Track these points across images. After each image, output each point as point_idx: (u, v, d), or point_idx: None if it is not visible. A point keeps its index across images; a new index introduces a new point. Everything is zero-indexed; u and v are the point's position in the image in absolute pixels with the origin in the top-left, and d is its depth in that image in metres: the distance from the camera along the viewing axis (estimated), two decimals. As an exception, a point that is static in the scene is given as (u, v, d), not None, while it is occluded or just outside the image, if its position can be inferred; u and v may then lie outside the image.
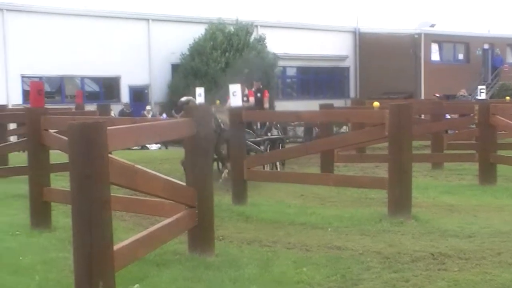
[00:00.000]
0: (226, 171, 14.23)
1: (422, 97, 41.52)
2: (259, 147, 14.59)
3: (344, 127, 26.57)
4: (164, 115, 31.76)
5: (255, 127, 17.28)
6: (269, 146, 15.34)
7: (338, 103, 34.53)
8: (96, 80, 39.41)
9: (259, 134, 14.81)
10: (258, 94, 15.33)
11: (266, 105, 17.82)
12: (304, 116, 17.08)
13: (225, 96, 16.42)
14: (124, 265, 6.33)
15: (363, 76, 48.20)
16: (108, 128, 5.90)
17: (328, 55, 47.14)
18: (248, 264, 8.19)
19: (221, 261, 8.28)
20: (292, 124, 31.53)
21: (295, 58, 45.21)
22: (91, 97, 36.21)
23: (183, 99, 14.35)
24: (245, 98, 14.96)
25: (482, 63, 49.80)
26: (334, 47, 47.99)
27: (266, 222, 10.87)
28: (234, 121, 12.81)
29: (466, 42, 49.96)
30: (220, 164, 15.82)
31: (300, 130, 33.15)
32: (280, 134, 17.57)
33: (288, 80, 47.62)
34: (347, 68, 49.01)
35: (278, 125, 19.68)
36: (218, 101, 20.78)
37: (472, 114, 16.40)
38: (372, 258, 8.54)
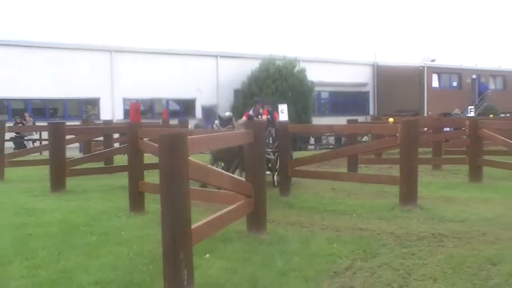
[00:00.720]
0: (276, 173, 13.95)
1: (425, 114, 41.12)
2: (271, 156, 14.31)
3: (365, 137, 26.37)
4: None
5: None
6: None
7: (360, 119, 34.48)
8: (177, 101, 39.80)
9: (270, 147, 14.47)
10: (269, 116, 15.12)
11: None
12: (336, 129, 17.11)
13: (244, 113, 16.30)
14: (199, 240, 6.37)
15: (380, 98, 47.98)
16: (188, 137, 5.97)
17: (352, 82, 47.06)
18: (292, 241, 8.21)
19: (271, 238, 8.30)
20: (326, 134, 31.50)
21: (328, 84, 45.23)
22: (174, 114, 36.52)
23: (227, 114, 14.39)
24: (259, 116, 14.93)
25: (471, 89, 49.25)
26: (357, 76, 47.92)
27: (305, 209, 10.84)
28: (283, 132, 12.84)
29: (459, 73, 49.48)
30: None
31: (331, 139, 33.05)
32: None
33: (322, 101, 47.57)
34: (367, 92, 48.80)
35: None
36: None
37: (464, 128, 16.19)
38: (387, 237, 8.51)
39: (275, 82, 37.85)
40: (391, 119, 15.36)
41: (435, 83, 48.01)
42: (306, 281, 6.43)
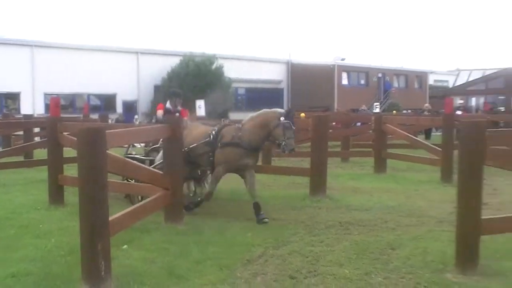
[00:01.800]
0: None
1: (335, 110, 41.83)
2: None
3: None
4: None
5: None
6: None
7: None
8: (98, 96, 39.08)
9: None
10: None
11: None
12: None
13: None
14: (117, 231, 6.30)
15: (294, 94, 48.45)
16: (107, 131, 5.88)
17: (268, 79, 47.33)
18: (208, 231, 8.23)
19: (188, 228, 8.29)
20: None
21: (244, 81, 45.33)
22: (95, 109, 35.82)
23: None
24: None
25: (377, 86, 50.38)
26: (273, 73, 48.24)
27: (223, 200, 10.84)
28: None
29: (366, 72, 50.50)
30: None
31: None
32: None
33: (239, 97, 47.62)
34: (282, 89, 49.21)
35: None
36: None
37: (370, 123, 16.56)
38: (297, 226, 8.64)
39: (194, 79, 37.73)
40: (302, 114, 15.56)
41: (344, 81, 48.86)
42: (221, 269, 6.44)
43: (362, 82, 50.75)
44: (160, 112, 12.53)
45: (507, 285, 5.83)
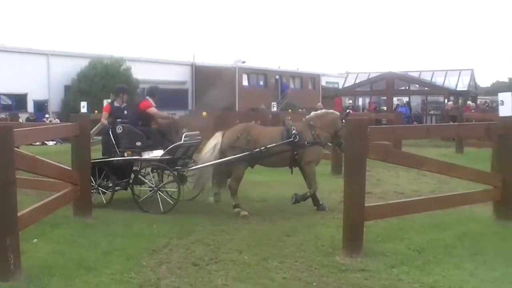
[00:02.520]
0: None
1: (237, 109, 42.04)
2: None
3: (184, 129, 26.34)
4: (57, 120, 30.61)
5: None
6: None
7: (180, 113, 34.55)
8: (9, 96, 37.50)
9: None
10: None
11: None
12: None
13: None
14: (26, 226, 6.09)
15: (198, 94, 48.28)
16: (15, 129, 5.67)
17: (173, 80, 46.94)
18: (116, 223, 8.12)
19: (96, 222, 8.12)
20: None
21: (151, 82, 44.51)
22: (6, 108, 34.35)
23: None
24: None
25: (275, 87, 51.02)
26: (178, 74, 47.90)
27: (129, 194, 10.62)
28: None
29: (265, 74, 51.04)
30: None
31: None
32: None
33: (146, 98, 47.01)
34: (187, 89, 48.94)
35: None
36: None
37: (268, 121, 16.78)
38: (201, 217, 8.67)
39: (102, 80, 36.98)
40: (204, 113, 15.58)
41: (245, 82, 49.16)
42: (128, 259, 6.36)
43: (261, 83, 51.23)
44: (104, 115, 10.72)
45: (386, 264, 6.07)
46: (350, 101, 35.92)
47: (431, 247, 6.75)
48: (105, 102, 12.82)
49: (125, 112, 10.71)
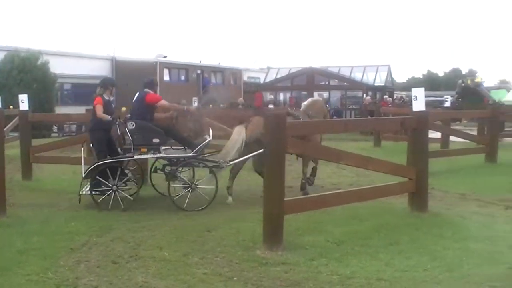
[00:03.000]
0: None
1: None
2: None
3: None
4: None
5: None
6: None
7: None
8: None
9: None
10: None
11: None
12: (74, 118, 16.64)
13: None
14: None
15: (119, 90, 47.36)
16: None
17: (93, 75, 45.85)
18: (32, 222, 7.90)
19: (11, 221, 7.88)
20: (67, 122, 30.44)
21: (70, 76, 43.69)
22: None
23: None
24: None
25: (196, 82, 50.82)
26: (98, 69, 46.75)
27: (47, 192, 10.46)
28: (22, 121, 12.14)
29: (186, 68, 50.71)
30: None
31: (74, 127, 31.93)
32: None
33: (65, 92, 45.82)
34: (107, 84, 48.05)
35: None
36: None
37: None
38: (121, 214, 8.58)
39: (20, 74, 35.71)
40: (123, 108, 15.23)
41: (166, 77, 48.67)
42: (45, 258, 6.19)
43: (183, 78, 50.90)
44: (100, 108, 9.55)
45: (305, 256, 6.17)
46: (271, 96, 36.20)
47: (349, 239, 6.91)
48: (20, 97, 12.38)
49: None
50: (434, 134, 15.80)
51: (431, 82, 73.56)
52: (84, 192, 9.17)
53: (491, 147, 14.25)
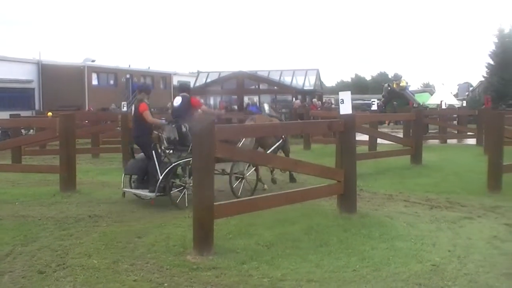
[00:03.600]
0: None
1: (86, 109, 40.75)
2: None
3: (32, 130, 25.25)
4: None
5: None
6: None
7: (26, 113, 32.96)
8: None
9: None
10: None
11: None
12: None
13: None
14: None
15: (45, 94, 46.19)
16: None
17: (18, 79, 44.60)
18: (-48, 232, 7.51)
19: None
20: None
21: (-7, 80, 42.29)
22: None
23: None
24: None
25: (125, 87, 50.15)
26: (23, 73, 45.55)
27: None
28: None
29: (115, 73, 50.02)
30: None
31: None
32: None
33: (-12, 97, 44.33)
34: (33, 89, 46.65)
35: None
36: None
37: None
38: (47, 222, 8.31)
39: None
40: (49, 113, 14.96)
41: (95, 81, 47.84)
42: (-35, 270, 5.93)
43: (112, 82, 50.14)
44: (148, 113, 9.84)
45: (236, 260, 6.17)
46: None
47: (280, 241, 6.96)
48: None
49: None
50: (361, 137, 16.17)
51: (359, 86, 75.31)
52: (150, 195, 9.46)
53: (416, 149, 14.68)
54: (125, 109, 17.12)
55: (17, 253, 6.63)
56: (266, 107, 13.22)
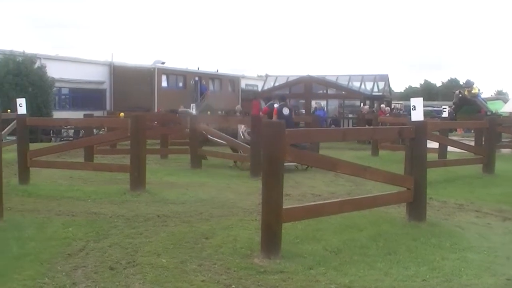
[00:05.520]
0: None
1: (156, 111, 41.59)
2: None
3: (102, 130, 25.93)
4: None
5: None
6: None
7: (98, 113, 33.92)
8: None
9: None
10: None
11: None
12: (72, 122, 16.59)
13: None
14: None
15: (116, 95, 47.50)
16: None
17: (91, 80, 46.02)
18: (28, 227, 7.79)
19: (7, 225, 7.79)
20: (65, 127, 30.39)
21: (68, 81, 43.72)
22: None
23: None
24: None
25: (194, 89, 50.88)
26: (96, 74, 47.02)
27: (43, 197, 10.36)
28: (20, 125, 12.05)
29: (184, 75, 50.89)
30: None
31: (71, 132, 31.87)
32: None
33: (63, 96, 45.87)
34: (105, 90, 48.04)
35: None
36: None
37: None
38: (118, 219, 8.46)
39: (15, 78, 35.64)
40: (122, 114, 15.35)
41: (164, 83, 48.76)
42: (41, 263, 6.14)
43: (180, 84, 51.00)
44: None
45: (304, 265, 6.14)
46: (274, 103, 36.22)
47: (347, 247, 6.89)
48: (18, 101, 12.31)
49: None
50: (431, 144, 15.84)
51: (428, 92, 73.99)
52: None
53: (489, 157, 14.26)
54: (193, 111, 17.34)
55: (90, 248, 6.82)
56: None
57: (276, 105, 15.20)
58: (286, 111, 10.28)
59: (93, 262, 6.25)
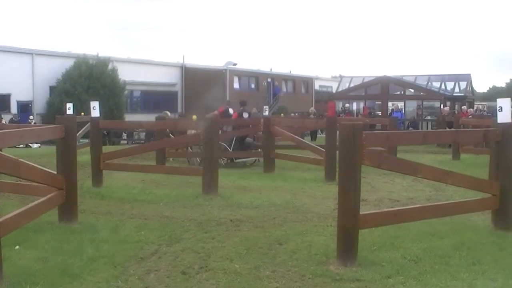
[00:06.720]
0: None
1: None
2: None
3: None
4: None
5: None
6: None
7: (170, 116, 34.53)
8: (-9, 96, 37.29)
9: None
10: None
11: None
12: (144, 125, 16.93)
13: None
14: (8, 232, 6.02)
15: (188, 97, 48.26)
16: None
17: (162, 82, 46.93)
18: (102, 229, 8.01)
19: (82, 227, 8.03)
20: (137, 130, 31.13)
21: (139, 83, 44.78)
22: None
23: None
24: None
25: (266, 90, 51.08)
26: (167, 76, 47.90)
27: (116, 199, 10.64)
28: (94, 127, 12.45)
29: (257, 76, 51.19)
30: None
31: (143, 134, 32.64)
32: None
33: (135, 99, 46.99)
34: (176, 92, 48.92)
35: None
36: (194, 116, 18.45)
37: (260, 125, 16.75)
38: (190, 223, 8.58)
39: (87, 80, 36.85)
40: (194, 117, 15.53)
41: (236, 85, 49.19)
42: (115, 266, 6.30)
43: (253, 86, 51.31)
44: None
45: (381, 273, 6.03)
46: (348, 105, 35.99)
47: (428, 256, 6.73)
48: (91, 104, 12.71)
49: None
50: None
51: (514, 92, 71.45)
52: None
53: None
54: (266, 113, 17.38)
55: (162, 252, 6.95)
56: None
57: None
58: (245, 115, 10.53)
59: (166, 266, 6.36)
